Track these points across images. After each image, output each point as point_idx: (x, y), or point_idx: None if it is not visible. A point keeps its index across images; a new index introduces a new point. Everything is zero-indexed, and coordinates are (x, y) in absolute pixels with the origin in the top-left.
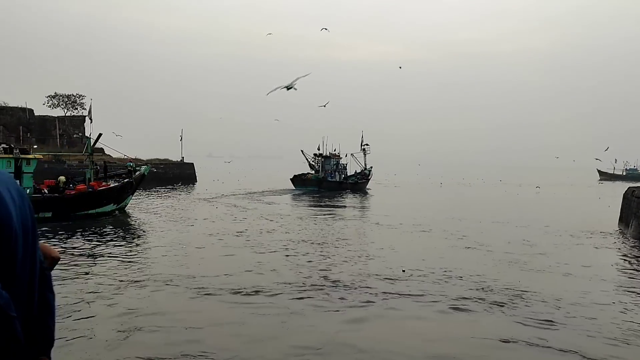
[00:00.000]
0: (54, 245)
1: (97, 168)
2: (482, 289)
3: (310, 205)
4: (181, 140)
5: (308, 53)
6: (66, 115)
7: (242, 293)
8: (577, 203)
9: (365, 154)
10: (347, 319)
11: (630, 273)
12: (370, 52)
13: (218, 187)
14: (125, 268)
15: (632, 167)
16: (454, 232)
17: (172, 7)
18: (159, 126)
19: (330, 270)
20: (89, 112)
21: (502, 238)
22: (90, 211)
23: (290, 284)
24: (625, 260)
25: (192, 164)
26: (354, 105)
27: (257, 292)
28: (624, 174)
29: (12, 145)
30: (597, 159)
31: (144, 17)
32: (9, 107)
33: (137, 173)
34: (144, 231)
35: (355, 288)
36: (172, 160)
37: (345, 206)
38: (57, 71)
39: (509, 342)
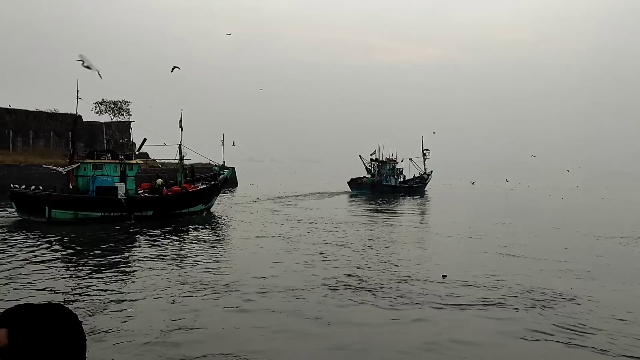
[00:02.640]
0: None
1: (186, 172)
2: (526, 292)
3: (360, 209)
4: (222, 144)
5: (353, 56)
6: (113, 121)
7: (286, 295)
8: (627, 208)
9: (425, 159)
10: (386, 320)
11: None
12: (416, 56)
13: (256, 191)
14: (184, 269)
15: None
16: (499, 238)
17: (229, 17)
18: (202, 130)
19: (373, 272)
20: (180, 121)
21: (554, 245)
22: (183, 210)
23: (330, 286)
24: None
25: (233, 168)
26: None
27: (298, 295)
28: None
29: (117, 152)
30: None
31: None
32: (59, 113)
33: (221, 177)
34: (221, 232)
35: (394, 291)
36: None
37: (396, 210)
38: (105, 78)
39: (544, 341)
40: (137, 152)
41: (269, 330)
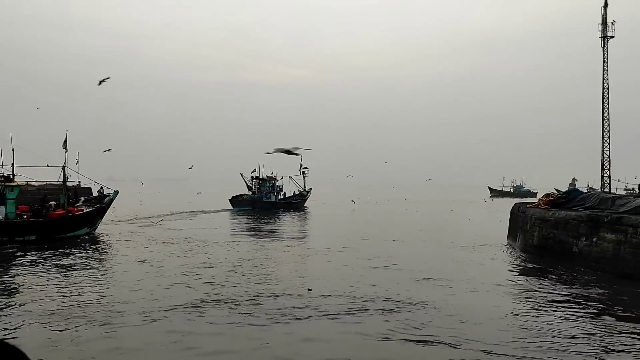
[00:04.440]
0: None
1: (69, 194)
2: (381, 299)
3: (235, 226)
4: (77, 163)
5: (219, 75)
6: None
7: (146, 319)
8: (473, 218)
9: (304, 177)
10: (248, 337)
11: (515, 282)
12: (281, 76)
13: (115, 213)
14: (49, 298)
15: (519, 184)
16: (365, 251)
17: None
18: (52, 149)
19: (240, 290)
20: (65, 142)
21: (408, 255)
22: (68, 234)
23: (190, 304)
24: (512, 270)
25: (90, 188)
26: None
27: (160, 317)
28: (512, 190)
29: None
30: (428, 179)
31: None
32: None
33: (107, 199)
34: (93, 257)
35: (261, 308)
36: (68, 186)
37: (272, 227)
38: None
39: (398, 341)
40: None
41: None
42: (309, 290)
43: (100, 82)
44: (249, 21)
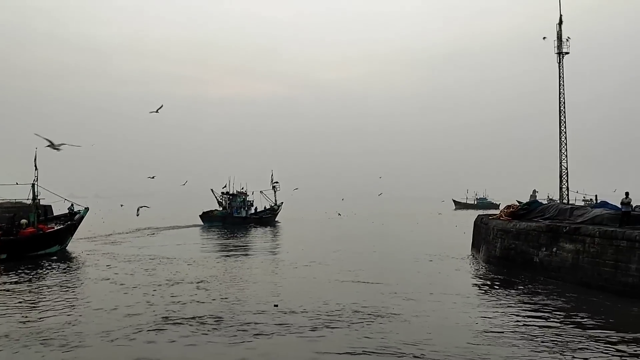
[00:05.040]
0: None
1: (39, 212)
2: (347, 314)
3: (204, 243)
4: (36, 181)
5: (183, 90)
6: None
7: (105, 339)
8: (437, 230)
9: (275, 191)
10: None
11: (479, 293)
12: (248, 90)
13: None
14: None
15: (482, 196)
16: (333, 265)
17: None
18: (8, 164)
19: (206, 308)
20: (35, 160)
21: (375, 268)
22: (39, 252)
23: (153, 323)
24: (476, 282)
25: (50, 206)
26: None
27: (122, 336)
28: (475, 202)
29: None
30: (379, 194)
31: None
32: None
33: (77, 216)
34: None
35: (225, 326)
36: (25, 203)
37: (242, 242)
38: None
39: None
40: None
41: None
42: (275, 306)
43: (157, 110)
44: (214, 35)
